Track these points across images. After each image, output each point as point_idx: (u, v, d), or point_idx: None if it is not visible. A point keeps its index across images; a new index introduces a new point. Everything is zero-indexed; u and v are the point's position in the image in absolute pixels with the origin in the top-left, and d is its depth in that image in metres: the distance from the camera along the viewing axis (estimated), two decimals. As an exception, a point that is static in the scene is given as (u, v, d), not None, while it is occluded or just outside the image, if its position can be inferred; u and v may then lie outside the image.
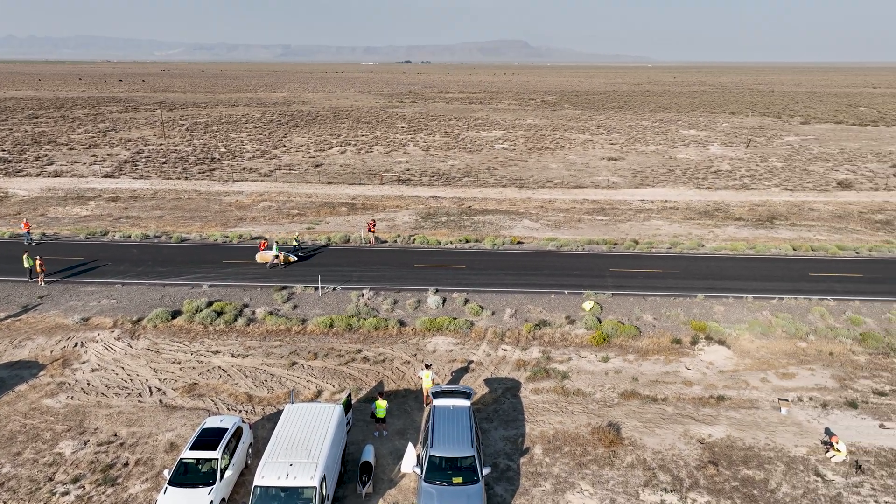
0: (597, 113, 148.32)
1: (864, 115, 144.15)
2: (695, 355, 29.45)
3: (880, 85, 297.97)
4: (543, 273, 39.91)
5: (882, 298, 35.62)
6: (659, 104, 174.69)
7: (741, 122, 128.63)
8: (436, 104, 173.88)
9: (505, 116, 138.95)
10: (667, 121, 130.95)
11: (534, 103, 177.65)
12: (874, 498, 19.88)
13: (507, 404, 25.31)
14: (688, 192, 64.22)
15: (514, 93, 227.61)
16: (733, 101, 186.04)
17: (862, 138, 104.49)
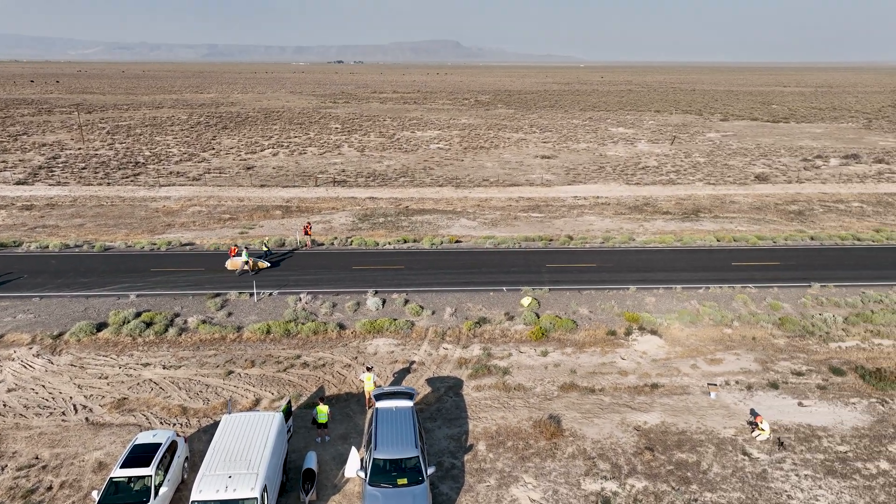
0: (529, 112, 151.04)
1: (776, 112, 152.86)
2: (629, 346, 30.43)
3: (790, 84, 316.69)
4: (482, 271, 40.30)
5: (797, 284, 37.84)
6: (588, 103, 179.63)
7: (666, 120, 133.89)
8: (370, 104, 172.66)
9: (440, 116, 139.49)
10: (596, 119, 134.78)
11: (468, 103, 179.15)
12: (795, 472, 21.12)
13: (450, 403, 25.41)
14: (618, 188, 66.30)
15: (448, 93, 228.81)
16: (658, 100, 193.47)
17: (775, 134, 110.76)
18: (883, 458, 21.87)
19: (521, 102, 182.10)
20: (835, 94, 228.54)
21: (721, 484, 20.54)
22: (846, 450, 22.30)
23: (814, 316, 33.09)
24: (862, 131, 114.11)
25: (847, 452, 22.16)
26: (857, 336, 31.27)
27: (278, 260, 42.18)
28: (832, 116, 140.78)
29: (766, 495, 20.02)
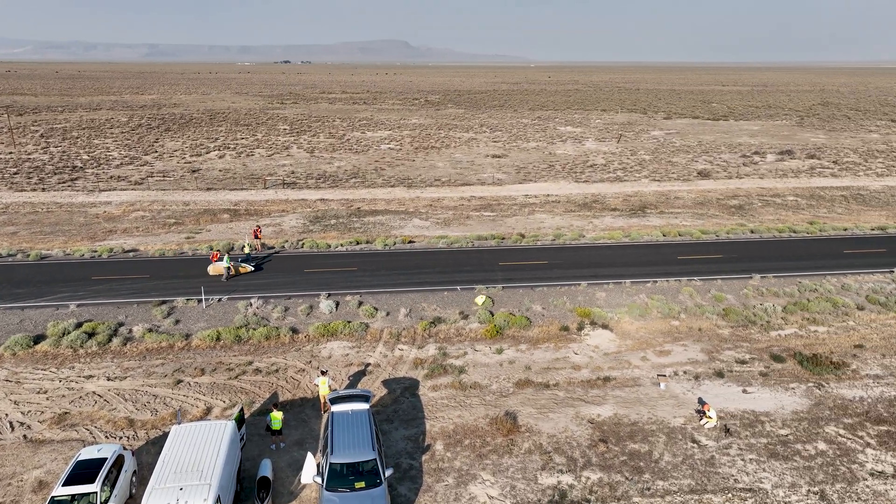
0: (479, 112, 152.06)
1: (716, 110, 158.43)
2: (582, 340, 31.00)
3: (728, 83, 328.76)
4: (436, 270, 40.33)
5: (739, 276, 39.30)
6: (537, 102, 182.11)
7: (612, 119, 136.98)
8: (318, 105, 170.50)
9: (390, 116, 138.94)
10: (545, 118, 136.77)
11: (418, 103, 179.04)
12: (741, 456, 21.93)
13: (407, 404, 25.34)
14: (567, 186, 67.45)
15: (397, 92, 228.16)
16: (604, 99, 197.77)
17: (716, 131, 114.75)
18: (820, 439, 22.94)
19: (471, 102, 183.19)
20: (769, 93, 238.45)
21: (672, 472, 21.15)
22: (787, 433, 23.30)
23: (755, 306, 34.43)
24: (795, 128, 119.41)
25: (788, 435, 23.15)
26: (794, 324, 32.71)
27: (260, 264, 41.38)
28: (768, 114, 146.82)
29: (715, 480, 20.73)
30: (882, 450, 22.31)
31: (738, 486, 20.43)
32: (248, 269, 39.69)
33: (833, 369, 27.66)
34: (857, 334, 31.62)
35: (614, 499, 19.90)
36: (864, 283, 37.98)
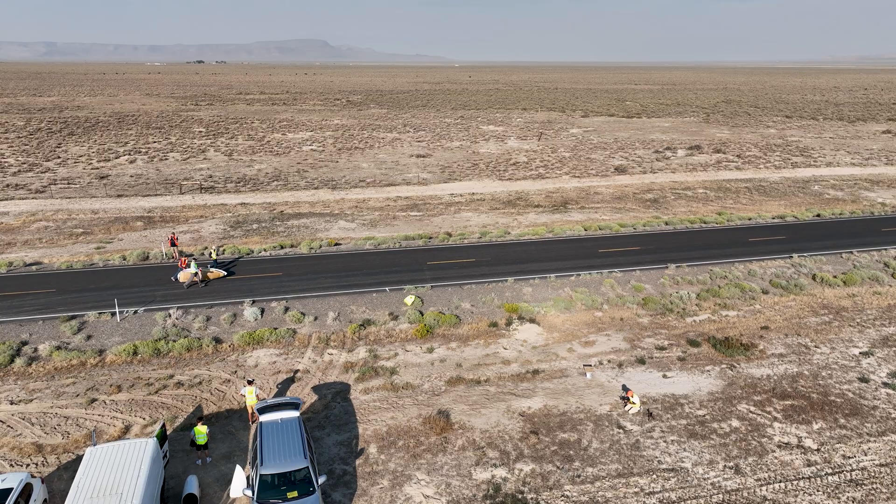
0: (402, 112, 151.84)
1: (630, 108, 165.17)
2: (510, 335, 31.54)
3: (640, 82, 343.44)
4: (363, 272, 39.95)
5: (656, 266, 41.14)
6: (459, 102, 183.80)
7: (532, 117, 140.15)
8: (236, 106, 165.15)
9: (311, 117, 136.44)
10: (468, 118, 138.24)
11: (340, 103, 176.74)
12: (663, 439, 22.98)
13: (338, 408, 24.98)
14: (492, 184, 68.46)
15: (318, 93, 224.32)
16: (524, 98, 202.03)
17: (630, 128, 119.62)
18: (734, 416, 24.37)
19: (394, 102, 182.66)
20: (678, 91, 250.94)
21: (600, 458, 21.88)
22: (704, 413, 24.61)
23: (671, 294, 36.14)
24: (702, 124, 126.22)
25: (705, 415, 24.45)
26: (708, 310, 34.58)
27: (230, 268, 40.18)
28: (677, 112, 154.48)
29: (640, 463, 21.61)
30: (787, 423, 23.94)
31: (661, 468, 21.39)
32: (221, 273, 38.42)
33: (743, 350, 29.43)
34: (762, 316, 33.79)
35: (547, 488, 20.37)
36: (768, 268, 40.61)
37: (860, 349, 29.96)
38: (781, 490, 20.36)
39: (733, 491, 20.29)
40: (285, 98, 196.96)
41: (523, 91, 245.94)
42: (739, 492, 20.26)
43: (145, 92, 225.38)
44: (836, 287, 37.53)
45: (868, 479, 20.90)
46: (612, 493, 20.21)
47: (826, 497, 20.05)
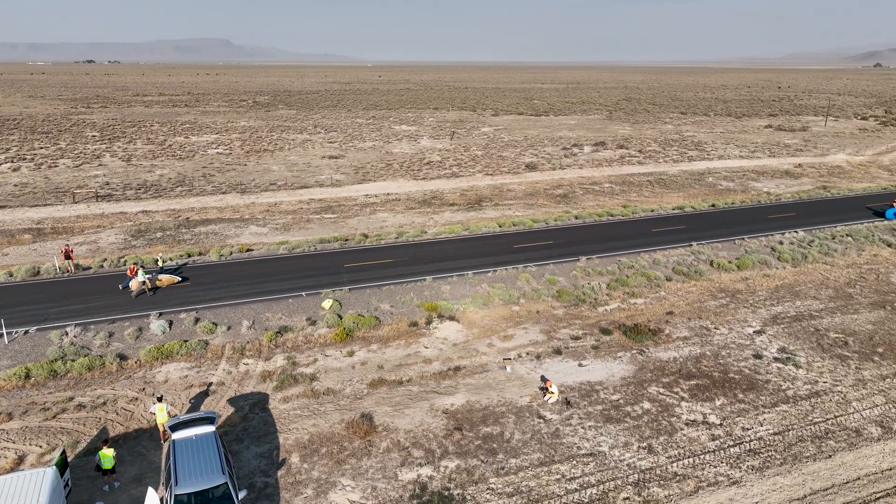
0: (312, 112, 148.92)
1: (538, 106, 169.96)
2: (431, 334, 31.67)
3: (546, 81, 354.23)
4: (278, 278, 38.86)
5: (568, 259, 42.55)
6: (371, 102, 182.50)
7: (444, 117, 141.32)
8: (133, 109, 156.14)
9: (216, 119, 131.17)
10: (380, 118, 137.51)
11: (246, 104, 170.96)
12: (581, 425, 23.83)
13: (257, 419, 24.18)
14: (407, 184, 68.45)
15: (222, 94, 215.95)
16: (435, 98, 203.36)
17: (539, 126, 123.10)
18: (645, 399, 25.63)
19: (303, 103, 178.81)
20: (582, 90, 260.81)
21: (523, 449, 22.39)
22: (618, 398, 25.72)
23: (584, 286, 37.51)
24: (606, 122, 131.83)
25: (619, 400, 25.56)
26: (617, 299, 36.17)
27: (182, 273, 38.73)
28: (582, 109, 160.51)
29: (561, 450, 22.30)
30: (693, 401, 25.46)
31: (581, 453, 22.16)
32: (175, 279, 37.24)
33: (651, 336, 31.01)
34: (667, 302, 35.73)
35: (472, 483, 20.62)
36: (670, 257, 42.97)
37: (754, 328, 32.30)
38: (690, 465, 21.62)
39: (647, 470, 21.34)
40: (187, 99, 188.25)
41: (434, 91, 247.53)
42: (653, 470, 21.33)
43: (28, 94, 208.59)
44: (731, 272, 40.26)
45: (764, 447, 22.57)
46: (535, 482, 20.73)
47: (729, 468, 21.47)
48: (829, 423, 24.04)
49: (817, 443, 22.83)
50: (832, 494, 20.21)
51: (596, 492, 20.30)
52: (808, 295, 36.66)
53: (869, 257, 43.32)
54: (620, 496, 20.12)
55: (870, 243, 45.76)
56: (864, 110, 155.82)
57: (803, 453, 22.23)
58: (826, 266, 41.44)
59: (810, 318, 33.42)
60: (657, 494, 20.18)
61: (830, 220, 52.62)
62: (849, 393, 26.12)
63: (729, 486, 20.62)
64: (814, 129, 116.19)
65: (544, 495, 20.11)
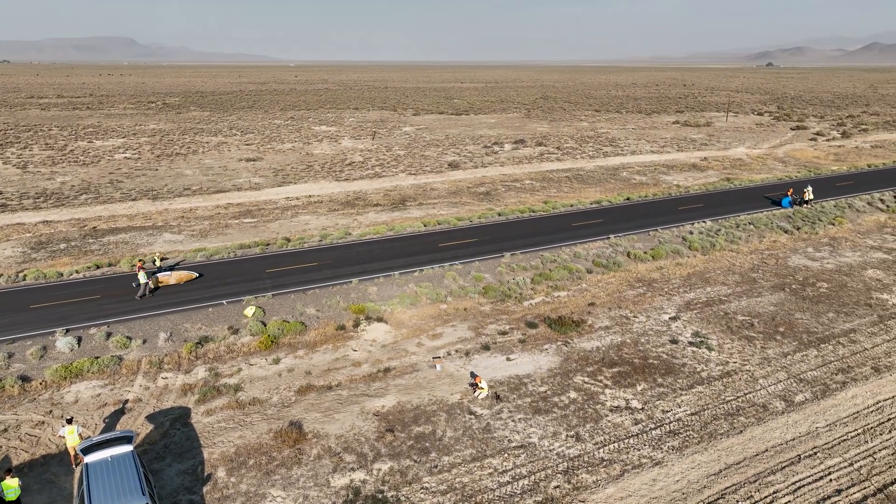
0: (227, 114, 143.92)
1: (458, 105, 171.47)
2: (359, 336, 31.32)
3: (465, 81, 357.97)
4: (197, 286, 37.28)
5: (493, 256, 43.17)
6: (288, 102, 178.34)
7: (365, 117, 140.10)
8: (27, 112, 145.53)
9: (122, 122, 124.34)
10: (298, 118, 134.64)
11: (155, 106, 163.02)
12: (511, 418, 24.24)
13: (179, 435, 23.11)
14: (329, 186, 67.37)
15: (128, 95, 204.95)
16: (355, 98, 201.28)
17: (459, 125, 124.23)
18: (571, 389, 26.39)
19: (217, 104, 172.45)
20: (501, 88, 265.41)
21: (455, 446, 22.54)
22: (545, 389, 26.35)
23: (509, 281, 38.18)
24: (524, 120, 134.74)
25: (546, 391, 26.19)
26: (542, 293, 37.04)
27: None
28: (501, 108, 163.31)
29: (492, 445, 22.60)
30: (616, 388, 26.45)
31: (512, 446, 22.55)
32: (193, 275, 38.06)
33: (575, 327, 31.96)
34: (589, 294, 36.94)
35: (406, 483, 20.55)
36: (590, 249, 44.44)
37: (669, 315, 33.93)
38: (616, 450, 22.44)
39: (576, 457, 21.98)
40: (89, 102, 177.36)
41: (354, 90, 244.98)
42: (581, 457, 22.00)
43: None
44: (647, 262, 42.11)
45: (683, 428, 23.76)
46: (468, 477, 20.91)
47: (651, 450, 22.45)
48: (740, 400, 25.59)
49: (730, 420, 24.25)
50: (744, 467, 21.53)
51: (528, 483, 20.71)
52: (717, 281, 38.87)
53: (769, 243, 46.45)
54: (551, 485, 20.62)
55: (769, 230, 49.08)
56: (760, 106, 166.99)
57: (718, 430, 23.56)
58: (732, 253, 44.09)
59: (720, 303, 35.45)
60: (586, 480, 20.83)
61: (734, 209, 56.03)
62: (755, 371, 27.91)
63: (652, 467, 21.55)
64: (716, 125, 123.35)
65: (478, 490, 20.33)
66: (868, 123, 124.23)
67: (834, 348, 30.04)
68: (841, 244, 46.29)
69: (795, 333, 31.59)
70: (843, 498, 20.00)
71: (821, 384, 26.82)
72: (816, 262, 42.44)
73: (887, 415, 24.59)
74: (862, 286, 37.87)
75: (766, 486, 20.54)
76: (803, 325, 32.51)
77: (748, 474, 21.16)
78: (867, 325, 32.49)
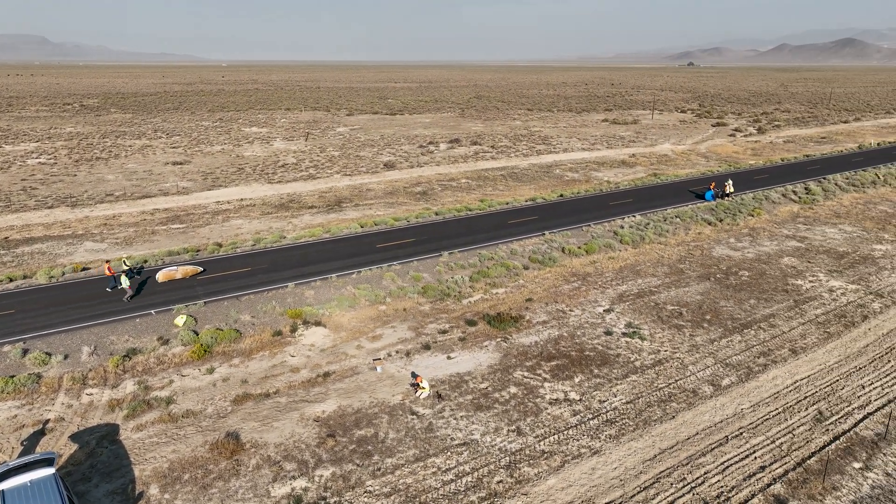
0: (151, 116, 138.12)
1: (392, 105, 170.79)
2: (297, 342, 30.69)
3: (399, 80, 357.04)
4: (122, 296, 35.57)
5: (431, 255, 43.22)
6: (216, 103, 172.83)
7: (297, 117, 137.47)
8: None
9: (35, 126, 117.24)
10: (227, 120, 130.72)
11: (71, 109, 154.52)
12: (453, 416, 24.34)
13: (106, 454, 21.99)
14: (261, 188, 65.72)
15: (41, 97, 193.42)
16: (286, 98, 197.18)
17: (394, 125, 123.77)
18: (511, 384, 26.74)
19: (140, 106, 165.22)
20: (434, 88, 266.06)
21: (398, 447, 22.42)
22: (486, 386, 26.60)
23: (447, 280, 38.31)
24: (459, 119, 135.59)
25: (487, 388, 26.44)
26: (480, 290, 37.36)
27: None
28: (435, 108, 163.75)
29: (435, 444, 22.61)
30: (555, 381, 26.99)
31: (454, 444, 22.63)
32: (198, 269, 39.07)
33: (513, 323, 32.40)
34: (526, 290, 37.54)
35: (349, 488, 20.29)
36: (526, 246, 45.17)
37: (603, 307, 34.91)
38: (556, 441, 22.89)
39: (517, 451, 22.29)
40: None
41: (285, 91, 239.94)
42: (523, 451, 22.32)
43: None
44: (581, 256, 43.19)
45: (619, 416, 24.49)
46: (412, 478, 20.85)
47: (590, 439, 23.04)
48: (671, 387, 26.61)
49: (662, 406, 25.18)
50: (677, 451, 22.40)
51: (471, 479, 20.84)
52: (647, 273, 40.28)
53: (694, 235, 48.53)
54: (494, 480, 20.83)
55: (694, 223, 51.29)
56: (683, 104, 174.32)
57: (652, 417, 24.41)
58: (660, 245, 45.81)
59: (650, 294, 36.76)
60: (528, 473, 21.15)
61: (662, 203, 58.24)
62: (685, 358, 29.10)
63: (591, 456, 22.11)
64: (643, 122, 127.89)
65: (422, 490, 20.29)
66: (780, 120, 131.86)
67: (756, 333, 31.69)
68: (759, 234, 48.90)
69: (721, 320, 33.14)
70: (766, 474, 21.12)
71: (745, 368, 28.23)
72: (738, 251, 44.66)
73: (804, 393, 26.14)
74: (779, 273, 40.12)
75: (697, 468, 21.44)
76: (728, 313, 34.13)
77: (681, 457, 22.02)
78: (784, 310, 34.45)
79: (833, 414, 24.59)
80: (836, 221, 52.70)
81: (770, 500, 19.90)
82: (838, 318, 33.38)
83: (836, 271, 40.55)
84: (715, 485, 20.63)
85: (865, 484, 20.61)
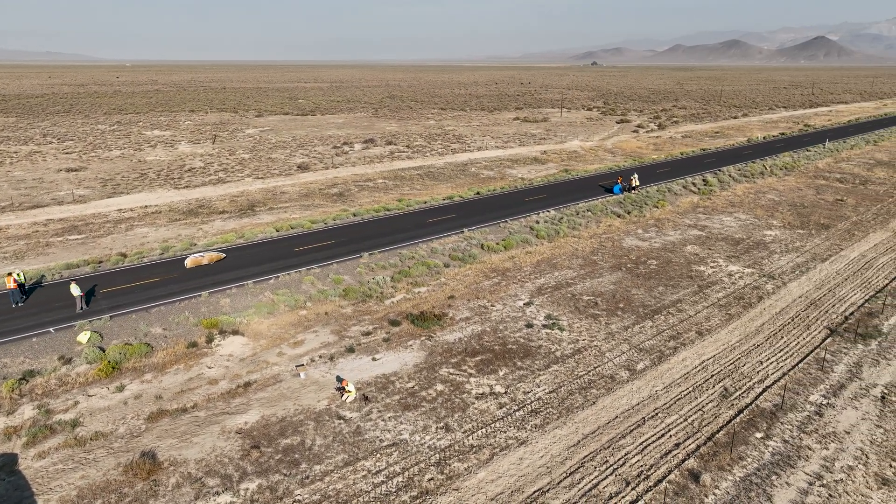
0: (38, 120, 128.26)
1: (303, 106, 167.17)
2: (214, 352, 29.48)
3: (309, 80, 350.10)
4: (15, 315, 32.87)
5: (351, 257, 42.70)
6: (113, 105, 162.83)
7: (203, 119, 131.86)
8: None
9: None
10: (126, 123, 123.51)
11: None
12: (381, 417, 24.19)
13: (4, 486, 20.27)
14: (167, 194, 62.59)
15: None
16: (190, 99, 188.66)
17: (306, 126, 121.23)
18: (438, 381, 26.89)
19: (25, 108, 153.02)
20: (346, 88, 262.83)
21: (326, 453, 22.02)
22: (413, 385, 26.60)
23: (369, 281, 37.98)
24: (373, 119, 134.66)
25: (414, 387, 26.45)
26: (403, 290, 37.30)
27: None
28: (348, 108, 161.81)
29: (364, 447, 22.38)
30: (480, 376, 27.39)
31: (384, 445, 22.49)
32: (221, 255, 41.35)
33: (437, 321, 32.57)
34: (448, 288, 37.84)
35: (277, 499, 19.72)
36: (447, 244, 45.52)
37: (524, 301, 35.76)
38: (484, 435, 23.24)
39: (447, 448, 22.44)
40: None
41: (188, 92, 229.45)
42: (452, 447, 22.50)
43: None
44: (500, 252, 44.02)
45: (543, 406, 25.19)
46: (342, 483, 20.54)
47: (517, 430, 23.55)
48: (591, 374, 27.65)
49: (583, 393, 26.11)
50: (599, 435, 23.31)
51: (402, 479, 20.79)
52: (563, 265, 41.63)
53: (605, 227, 50.63)
54: (425, 478, 20.87)
55: (605, 216, 53.50)
56: (589, 102, 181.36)
57: (574, 405, 25.27)
58: (574, 239, 47.46)
59: (567, 286, 38.02)
60: (458, 469, 21.34)
61: (574, 198, 60.34)
62: (602, 346, 30.32)
63: (518, 447, 22.61)
64: (552, 120, 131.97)
65: (353, 494, 20.04)
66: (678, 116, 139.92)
67: (665, 318, 33.48)
68: (664, 224, 51.69)
69: (633, 308, 34.76)
70: (681, 450, 22.38)
71: (657, 351, 29.77)
72: (646, 242, 47.01)
73: (710, 372, 27.90)
74: (684, 261, 42.58)
75: (618, 450, 22.40)
76: (639, 300, 35.85)
77: (602, 441, 22.94)
78: (690, 295, 36.61)
79: (736, 389, 26.39)
80: (732, 210, 56.56)
81: (685, 474, 21.10)
82: (737, 300, 35.85)
83: (734, 257, 43.52)
84: (635, 465, 21.64)
85: (766, 451, 22.26)
